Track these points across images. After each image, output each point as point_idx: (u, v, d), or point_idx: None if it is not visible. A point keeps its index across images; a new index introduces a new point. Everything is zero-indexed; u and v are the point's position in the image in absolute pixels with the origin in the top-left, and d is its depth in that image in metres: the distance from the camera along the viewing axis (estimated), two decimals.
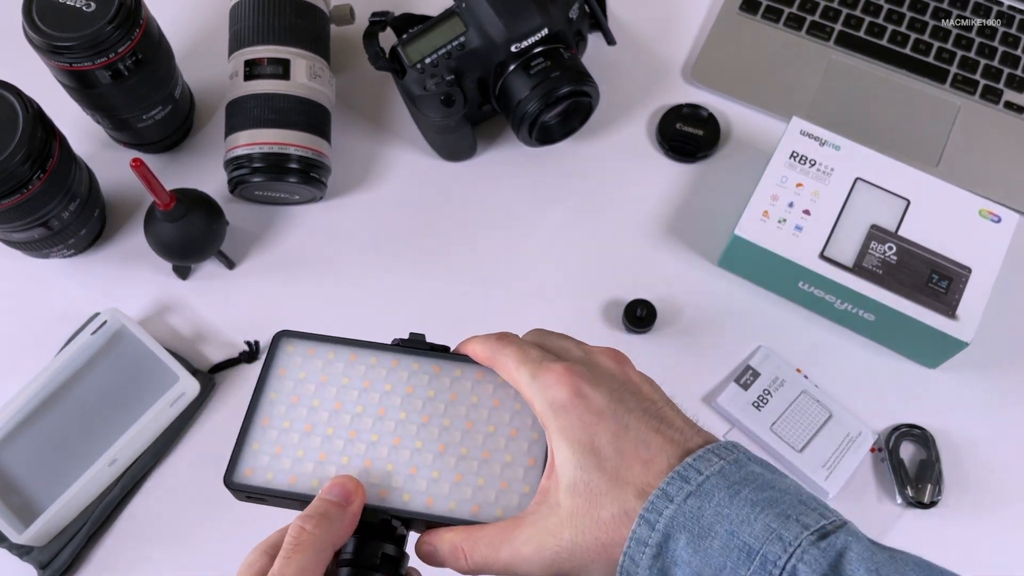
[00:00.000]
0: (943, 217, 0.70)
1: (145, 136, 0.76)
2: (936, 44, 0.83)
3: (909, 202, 0.71)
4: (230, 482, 0.44)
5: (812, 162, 0.72)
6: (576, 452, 0.39)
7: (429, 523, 0.42)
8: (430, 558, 0.41)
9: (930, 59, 0.83)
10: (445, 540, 0.41)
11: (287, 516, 0.41)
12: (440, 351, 0.45)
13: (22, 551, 0.65)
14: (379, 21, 0.75)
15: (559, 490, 0.39)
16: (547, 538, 0.39)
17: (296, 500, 0.42)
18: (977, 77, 0.82)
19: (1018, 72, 0.82)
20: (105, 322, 0.69)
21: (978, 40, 0.83)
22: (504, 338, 0.43)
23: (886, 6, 0.85)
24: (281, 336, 0.46)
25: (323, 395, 0.44)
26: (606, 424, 0.39)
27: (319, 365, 0.45)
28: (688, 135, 0.79)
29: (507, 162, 0.80)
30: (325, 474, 0.42)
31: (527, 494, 0.42)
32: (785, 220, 0.70)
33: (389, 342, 0.45)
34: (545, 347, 0.43)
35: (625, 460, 0.38)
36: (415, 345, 0.45)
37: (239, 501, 0.44)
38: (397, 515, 0.41)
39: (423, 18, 0.76)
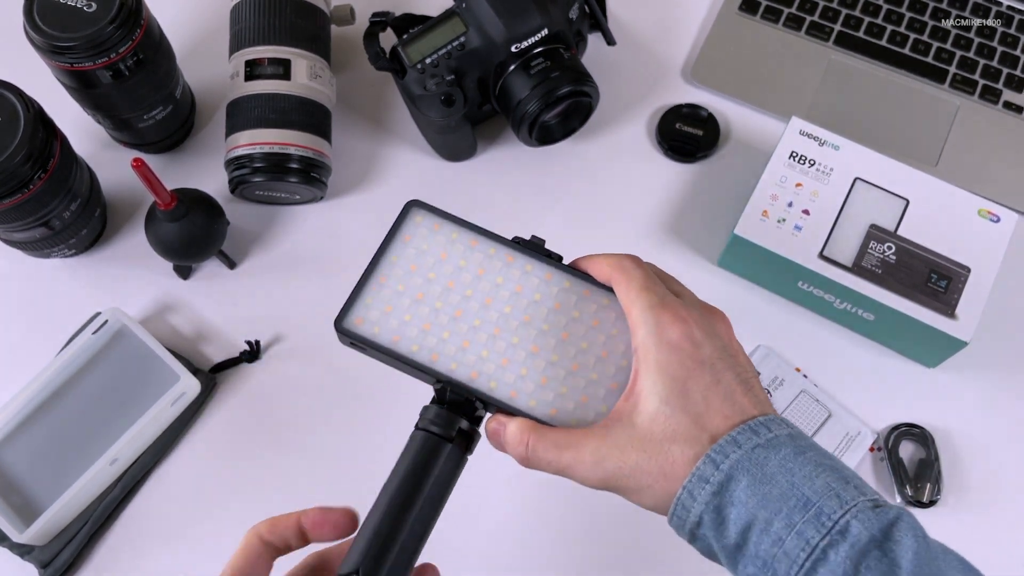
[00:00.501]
0: (942, 217, 0.70)
1: (146, 136, 0.76)
2: (935, 44, 0.83)
3: (908, 202, 0.71)
4: (340, 327, 0.46)
5: (811, 162, 0.72)
6: (668, 387, 0.41)
7: (508, 413, 0.44)
8: (494, 436, 0.44)
9: (929, 59, 0.83)
10: (514, 424, 0.43)
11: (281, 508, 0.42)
12: (555, 259, 0.47)
13: (23, 550, 0.66)
14: (379, 21, 0.75)
15: (638, 413, 0.42)
16: (613, 452, 0.41)
17: (394, 358, 0.45)
18: (976, 77, 0.82)
19: (1017, 72, 0.82)
20: (106, 322, 0.69)
21: (977, 40, 0.84)
22: (634, 259, 0.45)
23: (885, 6, 0.85)
24: (412, 205, 0.48)
25: (440, 270, 0.46)
26: (703, 373, 0.42)
27: (441, 241, 0.47)
28: (688, 135, 0.80)
29: (507, 162, 0.80)
30: (426, 343, 0.45)
31: (603, 412, 0.44)
32: (784, 220, 0.71)
33: (510, 238, 0.47)
34: (667, 284, 0.45)
35: (710, 409, 0.41)
36: (534, 248, 0.47)
37: (342, 344, 0.47)
38: (481, 398, 0.44)
39: (423, 18, 0.76)
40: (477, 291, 0.46)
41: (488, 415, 0.45)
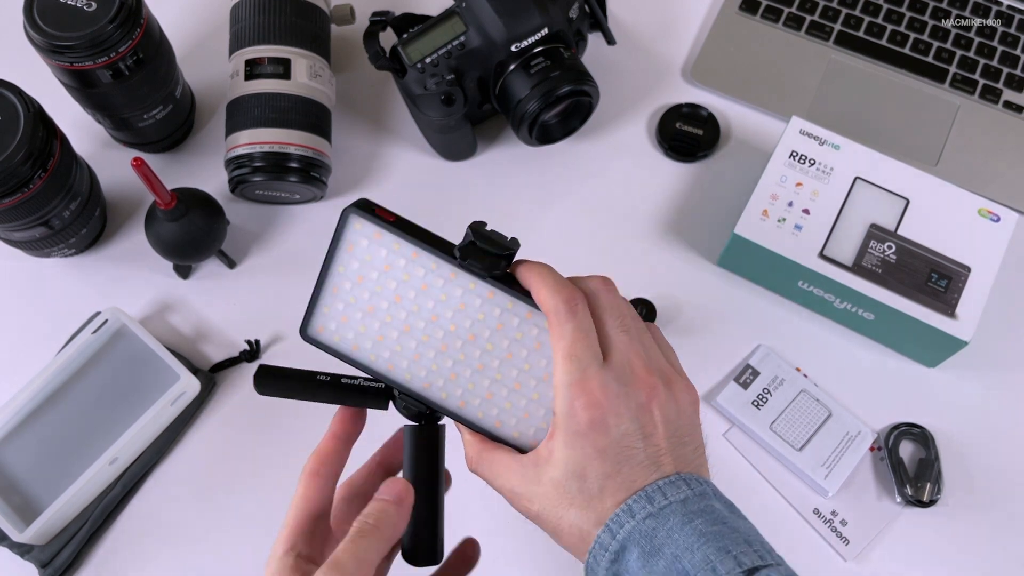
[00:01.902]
0: (942, 216, 0.70)
1: (146, 135, 0.76)
2: (935, 44, 0.83)
3: (908, 201, 0.71)
4: (305, 334, 0.48)
5: (812, 161, 0.72)
6: (571, 465, 0.43)
7: (458, 421, 0.47)
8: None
9: (929, 59, 0.83)
10: (467, 435, 0.47)
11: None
12: (498, 271, 0.45)
13: (23, 550, 0.66)
14: (379, 21, 0.75)
15: (551, 468, 0.43)
16: (526, 496, 0.44)
17: (357, 365, 0.47)
18: (976, 77, 0.82)
19: (1017, 72, 0.82)
20: (106, 321, 0.69)
21: (977, 40, 0.84)
22: (569, 308, 0.43)
23: (885, 6, 0.85)
24: (349, 212, 0.45)
25: (385, 284, 0.46)
26: (602, 462, 0.42)
27: (383, 253, 0.46)
28: (688, 135, 0.80)
29: (507, 162, 0.80)
30: (381, 353, 0.47)
31: (543, 428, 0.46)
32: (785, 219, 0.70)
33: (456, 246, 0.45)
34: (605, 329, 0.44)
35: (604, 495, 0.42)
36: (472, 263, 0.45)
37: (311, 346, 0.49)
38: (433, 407, 0.47)
39: (423, 18, 0.76)
40: (423, 308, 0.46)
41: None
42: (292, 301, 0.75)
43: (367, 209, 0.45)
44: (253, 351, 0.72)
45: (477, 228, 0.44)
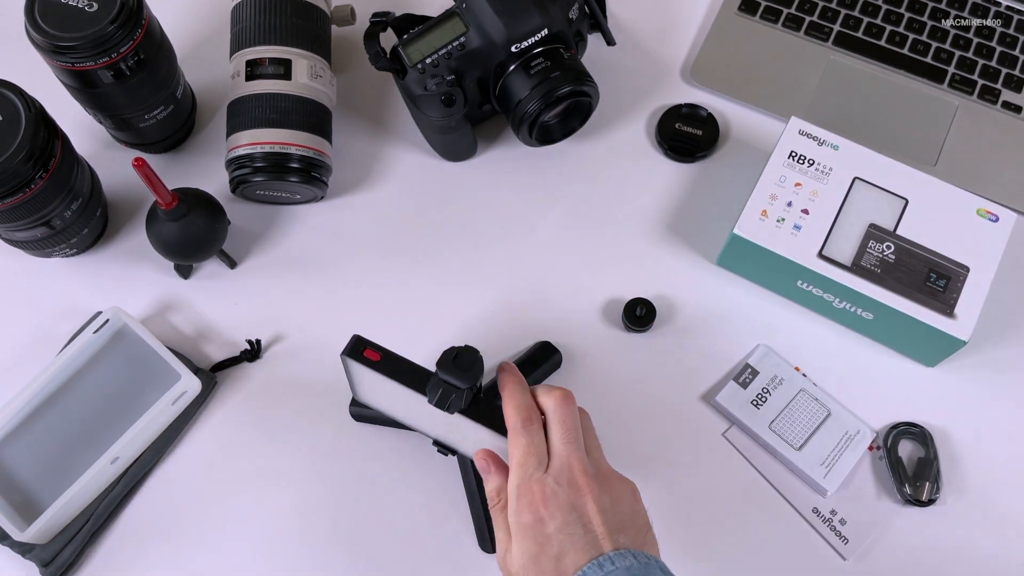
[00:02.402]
0: (941, 216, 0.70)
1: (147, 136, 0.76)
2: (934, 44, 0.84)
3: (907, 201, 0.71)
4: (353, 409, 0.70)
5: (811, 162, 0.72)
6: (523, 557, 0.52)
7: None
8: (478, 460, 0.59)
9: (928, 59, 0.83)
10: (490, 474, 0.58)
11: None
12: (465, 411, 0.56)
13: (24, 549, 0.66)
14: (380, 22, 0.75)
15: (512, 559, 0.53)
16: (512, 560, 0.53)
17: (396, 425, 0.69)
18: (975, 77, 0.82)
19: (1016, 72, 0.82)
20: (107, 321, 0.69)
21: (976, 40, 0.84)
22: (525, 427, 0.54)
23: (884, 6, 0.85)
24: (344, 357, 0.57)
25: (385, 388, 0.60)
26: (547, 549, 0.51)
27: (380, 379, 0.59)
28: (687, 135, 0.80)
29: (507, 162, 0.80)
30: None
31: None
32: (784, 219, 0.71)
33: (427, 390, 0.56)
34: (552, 439, 0.55)
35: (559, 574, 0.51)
36: (442, 409, 0.55)
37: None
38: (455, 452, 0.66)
39: (423, 18, 0.76)
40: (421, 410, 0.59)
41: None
42: (293, 301, 0.75)
43: (358, 348, 0.56)
44: (254, 351, 0.72)
45: (441, 363, 0.54)
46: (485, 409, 0.56)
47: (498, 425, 0.55)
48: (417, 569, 0.67)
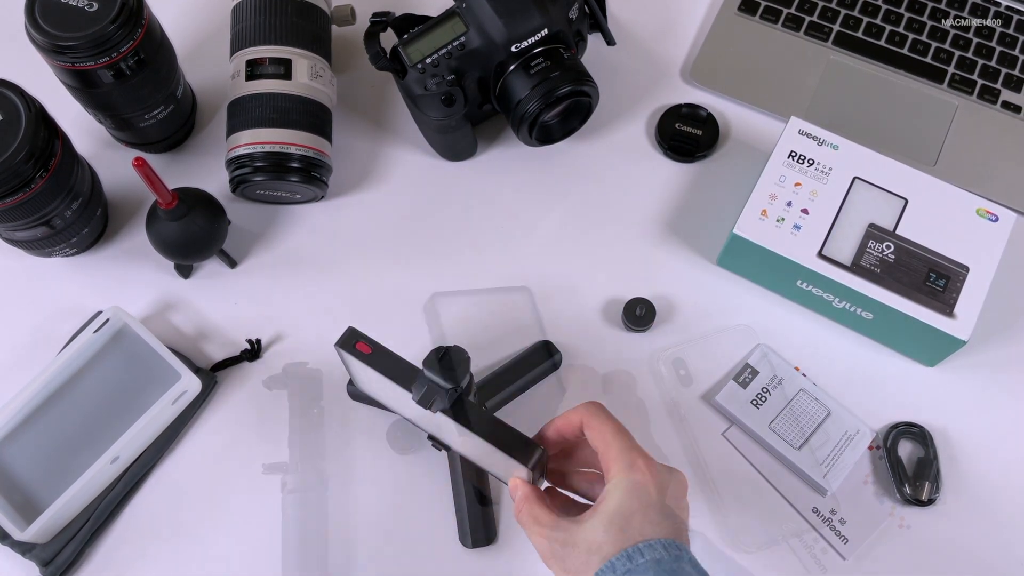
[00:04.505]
0: (941, 216, 0.70)
1: (147, 135, 0.76)
2: (934, 44, 0.84)
3: (907, 201, 0.71)
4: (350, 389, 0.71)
5: (810, 161, 0.72)
6: (617, 515, 0.52)
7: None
8: (512, 491, 0.58)
9: (928, 59, 0.83)
10: (520, 489, 0.57)
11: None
12: (447, 411, 0.56)
13: (24, 548, 0.66)
14: (380, 21, 0.75)
15: (587, 528, 0.53)
16: (557, 555, 0.54)
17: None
18: (975, 77, 0.82)
19: (1015, 72, 0.83)
20: (107, 320, 0.69)
21: (976, 40, 0.84)
22: (603, 407, 0.56)
23: (884, 6, 0.85)
24: (338, 347, 0.58)
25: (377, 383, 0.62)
26: (649, 511, 0.52)
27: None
28: (687, 135, 0.80)
29: (507, 162, 0.80)
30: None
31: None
32: (784, 219, 0.71)
33: (412, 389, 0.56)
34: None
35: (641, 537, 0.51)
36: (428, 409, 0.56)
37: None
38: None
39: (424, 18, 0.76)
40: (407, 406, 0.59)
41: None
42: (293, 300, 0.75)
43: (350, 341, 0.57)
44: (254, 350, 0.72)
45: (427, 362, 0.55)
46: (472, 410, 0.56)
47: (481, 428, 0.55)
48: (401, 562, 0.67)
